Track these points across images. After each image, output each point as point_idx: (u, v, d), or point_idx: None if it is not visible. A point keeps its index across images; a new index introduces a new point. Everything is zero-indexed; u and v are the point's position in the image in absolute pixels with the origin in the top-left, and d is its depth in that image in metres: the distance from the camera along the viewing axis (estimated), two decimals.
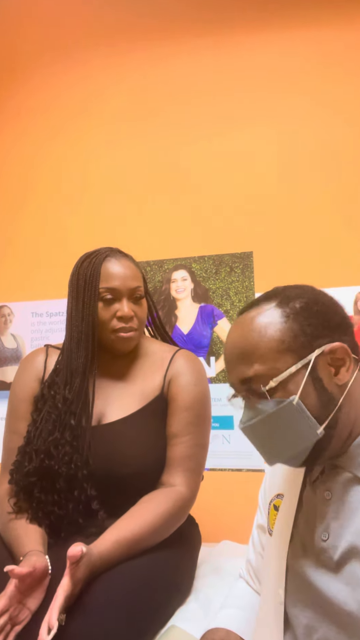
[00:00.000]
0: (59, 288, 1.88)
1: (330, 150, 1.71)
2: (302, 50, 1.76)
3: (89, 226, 1.90)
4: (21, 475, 1.06)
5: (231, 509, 1.54)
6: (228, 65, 1.83)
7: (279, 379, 0.68)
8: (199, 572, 1.15)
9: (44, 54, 2.02)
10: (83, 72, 1.98)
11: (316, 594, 0.69)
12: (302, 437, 0.69)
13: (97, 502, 1.03)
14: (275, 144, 1.76)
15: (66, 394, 1.09)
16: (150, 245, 1.81)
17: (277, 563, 0.76)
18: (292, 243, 1.70)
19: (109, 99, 1.95)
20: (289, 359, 0.69)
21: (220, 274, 1.76)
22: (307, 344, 0.70)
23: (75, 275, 1.15)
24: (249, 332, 0.72)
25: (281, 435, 0.70)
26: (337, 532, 0.69)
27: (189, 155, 1.84)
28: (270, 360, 0.70)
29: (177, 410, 1.12)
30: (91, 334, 1.10)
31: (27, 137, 2.03)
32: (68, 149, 1.98)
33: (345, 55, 1.72)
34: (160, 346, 1.23)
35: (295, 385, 0.68)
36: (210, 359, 1.74)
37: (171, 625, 0.94)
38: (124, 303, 1.10)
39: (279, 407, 0.68)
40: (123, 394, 1.14)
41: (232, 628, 0.82)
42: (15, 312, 1.97)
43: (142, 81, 1.92)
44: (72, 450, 1.05)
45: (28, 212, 1.99)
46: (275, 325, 0.71)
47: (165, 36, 1.89)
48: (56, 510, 1.04)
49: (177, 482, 1.07)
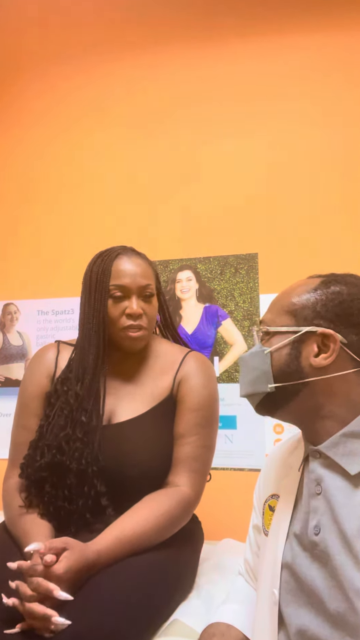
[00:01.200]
0: (66, 286, 1.91)
1: (336, 152, 1.72)
2: (307, 52, 1.77)
3: (96, 226, 1.91)
4: (33, 469, 1.06)
5: (233, 507, 1.55)
6: (236, 68, 1.84)
7: (271, 330, 0.79)
8: (201, 569, 1.16)
9: (46, 58, 2.04)
10: (86, 77, 2.00)
11: (309, 591, 0.70)
12: (259, 383, 0.79)
13: (107, 499, 1.04)
14: (282, 146, 1.77)
15: (78, 390, 1.10)
16: (156, 246, 1.83)
17: (272, 563, 0.76)
18: (296, 245, 1.71)
19: (115, 100, 1.96)
20: (288, 320, 0.78)
21: (225, 274, 1.78)
22: (309, 319, 0.76)
23: (88, 272, 1.16)
24: (291, 289, 0.82)
25: (251, 373, 0.81)
26: (328, 526, 0.70)
27: (195, 157, 1.85)
28: (276, 313, 0.80)
29: (185, 411, 1.13)
30: (101, 331, 1.11)
31: (33, 135, 2.05)
32: (75, 149, 1.99)
33: (344, 57, 1.73)
34: (172, 347, 1.23)
35: (277, 342, 0.78)
36: (214, 359, 1.75)
37: (174, 619, 0.95)
38: (133, 301, 1.11)
39: (258, 350, 0.80)
40: (133, 394, 1.15)
41: (233, 622, 0.83)
42: (22, 309, 1.99)
43: (148, 84, 1.93)
44: (83, 446, 1.05)
45: (35, 210, 2.01)
46: (301, 291, 0.78)
47: (169, 42, 1.91)
48: (66, 506, 1.04)
49: (181, 483, 1.07)
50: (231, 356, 1.74)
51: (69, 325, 1.93)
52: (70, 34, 2.01)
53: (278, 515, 0.80)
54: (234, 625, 0.83)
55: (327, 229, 1.69)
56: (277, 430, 1.66)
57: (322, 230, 1.70)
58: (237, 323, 1.75)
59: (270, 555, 0.78)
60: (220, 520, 1.48)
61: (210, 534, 1.31)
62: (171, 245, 1.83)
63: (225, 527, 1.47)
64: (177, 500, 1.04)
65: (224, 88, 1.85)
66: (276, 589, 0.74)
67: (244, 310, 1.75)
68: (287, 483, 0.82)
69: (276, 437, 1.65)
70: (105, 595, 0.86)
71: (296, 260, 1.70)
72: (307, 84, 1.77)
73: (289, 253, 1.71)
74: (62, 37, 2.02)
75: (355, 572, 0.65)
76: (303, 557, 0.72)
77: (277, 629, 0.73)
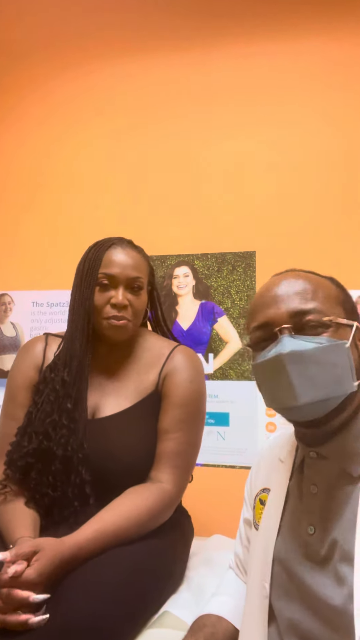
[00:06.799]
0: (61, 279, 1.89)
1: (334, 152, 1.73)
2: (306, 55, 1.78)
3: (94, 220, 1.91)
4: (20, 455, 1.06)
5: (223, 504, 1.55)
6: (235, 70, 1.84)
7: (336, 321, 0.69)
8: (191, 563, 1.16)
9: (48, 58, 2.03)
10: (88, 78, 2.00)
11: (302, 588, 0.69)
12: (340, 382, 0.67)
13: (90, 487, 1.03)
14: (280, 146, 1.78)
15: (65, 377, 1.09)
16: (154, 241, 1.82)
17: (263, 557, 0.76)
18: (294, 244, 1.71)
19: (114, 98, 1.96)
20: (342, 312, 0.72)
21: (222, 272, 1.78)
22: (352, 312, 0.74)
23: (82, 260, 1.17)
24: (310, 278, 0.74)
25: (323, 372, 0.67)
26: (323, 527, 0.69)
27: (196, 156, 1.85)
28: (328, 303, 0.71)
29: (170, 406, 1.11)
30: (87, 318, 1.11)
31: (35, 132, 2.04)
32: (74, 146, 1.99)
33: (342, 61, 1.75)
34: (159, 341, 1.22)
35: (345, 335, 0.70)
36: (209, 355, 1.75)
37: (164, 611, 0.95)
38: (120, 291, 1.10)
39: (333, 343, 0.67)
40: (118, 388, 1.14)
41: (223, 614, 0.83)
42: (16, 300, 1.97)
43: (147, 84, 1.93)
44: (69, 433, 1.05)
45: (33, 203, 2.00)
46: (331, 284, 0.75)
47: (170, 45, 1.91)
48: (50, 493, 1.04)
49: (164, 479, 1.06)
50: (226, 353, 1.74)
51: (64, 318, 1.91)
52: (70, 36, 2.01)
53: (269, 509, 0.80)
54: (225, 617, 0.83)
55: (325, 228, 1.70)
56: (269, 428, 1.66)
57: (321, 229, 1.70)
58: (233, 320, 1.75)
59: (261, 549, 0.78)
60: (211, 517, 1.48)
61: (200, 530, 1.31)
62: (169, 241, 1.83)
63: (215, 523, 1.47)
64: (159, 496, 1.03)
65: (222, 88, 1.85)
66: (267, 582, 0.74)
67: (240, 308, 1.75)
68: (277, 477, 0.82)
69: (268, 435, 1.66)
70: (94, 587, 0.86)
71: (294, 259, 1.69)
72: (305, 84, 1.77)
73: (287, 252, 1.71)
74: (63, 39, 2.02)
75: (348, 571, 0.64)
76: (296, 553, 0.72)
77: (267, 623, 0.73)
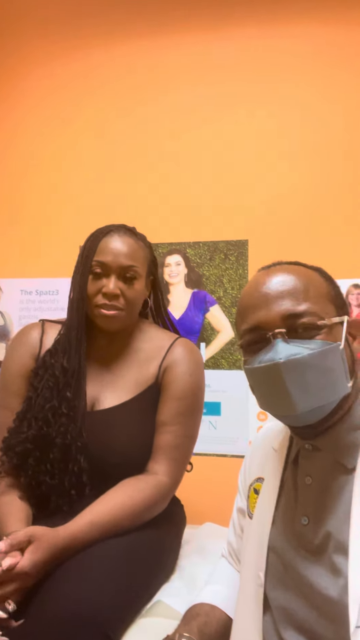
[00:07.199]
0: (50, 266, 1.87)
1: (328, 140, 1.72)
2: (304, 37, 1.75)
3: (83, 208, 1.88)
4: (18, 440, 1.05)
5: (214, 493, 1.55)
6: (227, 53, 1.82)
7: (329, 322, 0.68)
8: (183, 552, 1.16)
9: (47, 43, 1.98)
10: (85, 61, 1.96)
11: (297, 577, 0.70)
12: (335, 386, 0.67)
13: (87, 476, 1.03)
14: (274, 132, 1.76)
15: (64, 364, 1.08)
16: (145, 228, 1.78)
17: (258, 546, 0.76)
18: (287, 233, 1.70)
19: (108, 84, 1.92)
20: (333, 310, 0.72)
21: (214, 260, 1.76)
22: (341, 306, 0.73)
23: (82, 248, 1.15)
24: (300, 275, 0.72)
25: (319, 378, 0.66)
26: (317, 518, 0.69)
27: (188, 143, 1.83)
28: (321, 303, 0.70)
29: (168, 398, 1.11)
30: (80, 306, 1.10)
31: (29, 117, 2.00)
32: (67, 132, 1.95)
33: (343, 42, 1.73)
34: (160, 333, 1.20)
35: (338, 334, 0.69)
36: (201, 344, 1.74)
37: (157, 600, 0.95)
38: (112, 280, 1.08)
39: (327, 347, 0.66)
40: (117, 380, 1.13)
41: (216, 603, 0.83)
42: (4, 288, 1.94)
43: (140, 68, 1.89)
44: (68, 421, 1.04)
45: (21, 190, 1.96)
46: (320, 278, 0.74)
47: (168, 29, 1.87)
48: (47, 480, 1.03)
49: (160, 471, 1.06)
50: (218, 342, 1.73)
51: (53, 306, 1.89)
52: (70, 20, 1.96)
53: (262, 498, 0.80)
54: (218, 606, 0.83)
55: (318, 217, 1.69)
56: (260, 417, 1.66)
57: (314, 218, 1.70)
58: (225, 309, 1.74)
59: (255, 539, 0.78)
60: (202, 505, 1.49)
61: (192, 519, 1.31)
62: (160, 228, 1.81)
63: (207, 512, 1.47)
64: (154, 488, 1.03)
65: (215, 74, 1.82)
66: (262, 571, 0.74)
67: (232, 297, 1.74)
68: (271, 466, 0.81)
69: (259, 425, 1.66)
70: (87, 576, 0.86)
71: (287, 248, 1.69)
72: (299, 69, 1.75)
73: (280, 241, 1.70)
74: (63, 23, 1.96)
75: (343, 562, 0.64)
76: (290, 544, 0.72)
77: (262, 612, 0.73)
